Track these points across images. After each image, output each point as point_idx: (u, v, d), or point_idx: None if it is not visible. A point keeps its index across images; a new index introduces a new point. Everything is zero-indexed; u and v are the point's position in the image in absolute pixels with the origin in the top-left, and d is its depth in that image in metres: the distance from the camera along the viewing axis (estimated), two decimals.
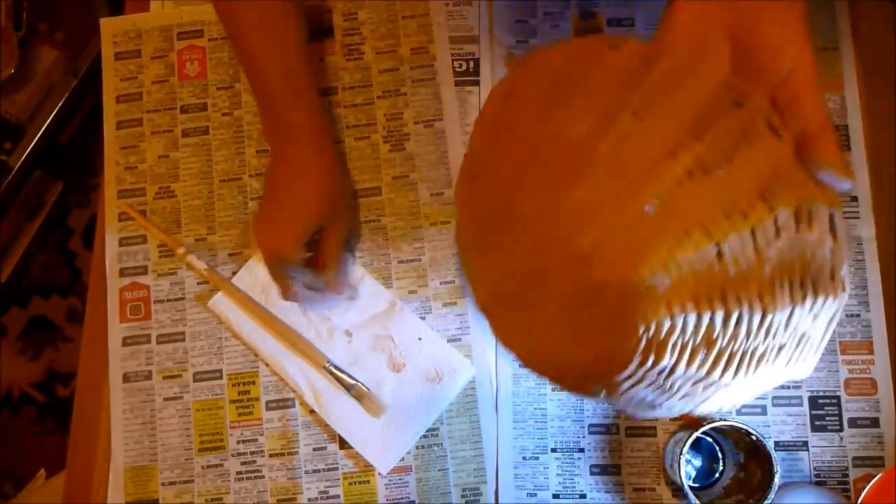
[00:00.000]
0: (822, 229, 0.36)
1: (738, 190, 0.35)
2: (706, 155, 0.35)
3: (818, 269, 0.36)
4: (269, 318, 0.65)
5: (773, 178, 0.35)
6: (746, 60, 0.37)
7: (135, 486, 0.65)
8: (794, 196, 0.35)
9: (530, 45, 0.69)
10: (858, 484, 0.62)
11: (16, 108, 1.24)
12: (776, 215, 0.35)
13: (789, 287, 0.36)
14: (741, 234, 0.35)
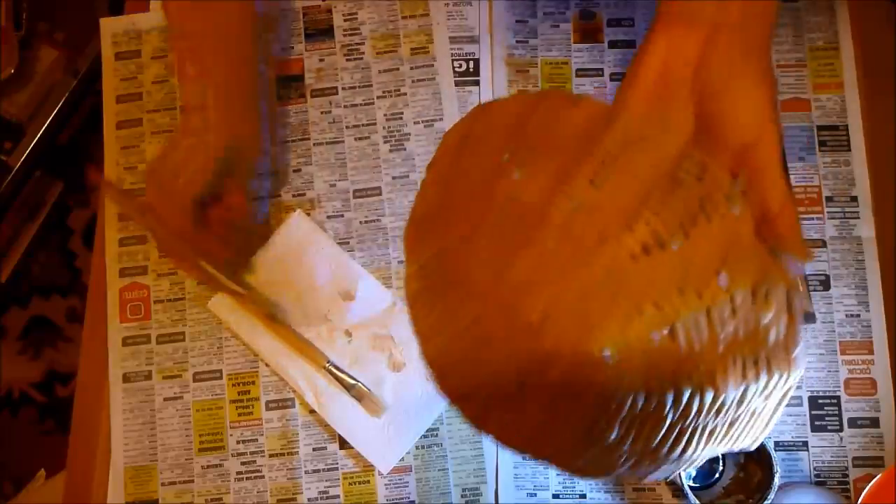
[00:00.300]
0: (779, 308, 0.34)
1: (695, 267, 0.33)
2: (663, 229, 0.34)
3: (772, 347, 0.35)
4: (269, 317, 0.65)
5: (730, 255, 0.34)
6: (709, 128, 0.35)
7: (135, 486, 0.65)
8: (752, 275, 0.34)
9: (530, 45, 0.69)
10: (858, 484, 0.62)
11: (16, 108, 1.24)
12: (732, 295, 0.33)
13: (742, 366, 0.34)
14: (696, 314, 0.33)
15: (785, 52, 0.68)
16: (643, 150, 0.34)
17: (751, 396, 0.36)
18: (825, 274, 0.65)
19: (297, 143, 0.69)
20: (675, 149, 0.34)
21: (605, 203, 0.34)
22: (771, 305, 0.34)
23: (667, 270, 0.33)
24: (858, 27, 0.68)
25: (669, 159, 0.34)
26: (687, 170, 0.34)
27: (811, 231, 0.66)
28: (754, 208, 0.34)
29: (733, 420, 0.36)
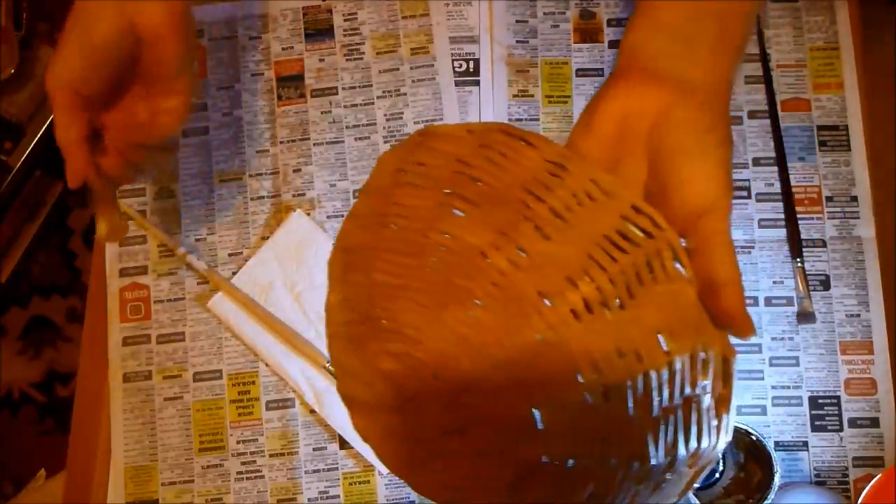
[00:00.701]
0: (716, 376, 0.33)
1: (637, 328, 0.32)
2: (607, 287, 0.32)
3: (704, 414, 0.34)
4: (269, 318, 0.65)
5: (673, 318, 0.32)
6: (661, 188, 0.34)
7: (135, 486, 0.65)
8: (692, 340, 0.32)
9: (530, 45, 0.69)
10: (858, 484, 0.62)
11: (16, 108, 1.24)
12: (672, 360, 0.32)
13: (674, 432, 0.33)
14: (633, 378, 0.32)
15: (785, 52, 0.68)
16: (595, 204, 0.33)
17: (678, 464, 0.34)
18: (825, 274, 0.65)
19: (297, 143, 0.69)
20: (626, 204, 0.32)
21: (550, 255, 0.33)
22: (707, 374, 0.33)
23: (609, 331, 0.32)
24: (858, 27, 0.68)
25: (620, 215, 0.33)
26: (637, 226, 0.33)
27: (811, 231, 0.66)
28: (700, 275, 0.33)
29: (659, 483, 0.35)
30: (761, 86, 0.68)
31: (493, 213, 0.34)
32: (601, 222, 0.32)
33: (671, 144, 0.34)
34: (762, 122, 0.68)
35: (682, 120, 0.34)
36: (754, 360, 0.64)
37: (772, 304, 0.65)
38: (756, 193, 0.67)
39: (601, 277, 0.32)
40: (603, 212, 0.32)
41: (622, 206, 0.32)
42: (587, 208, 0.33)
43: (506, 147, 0.35)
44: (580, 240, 0.32)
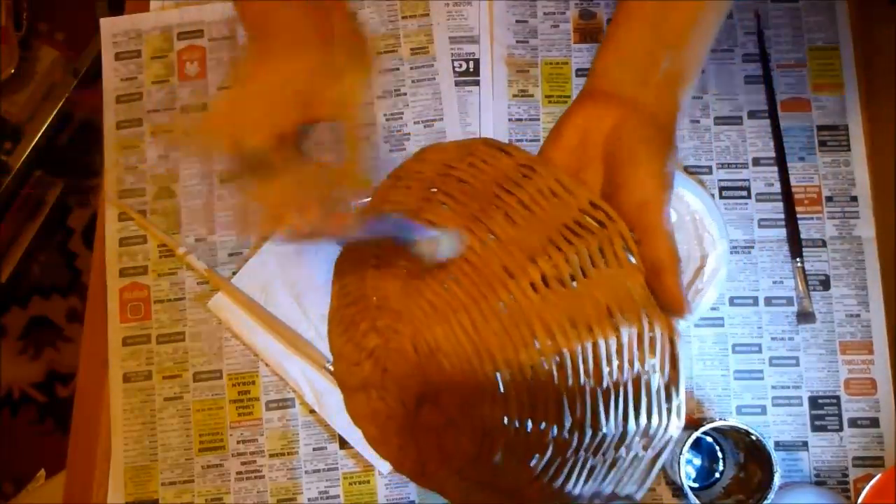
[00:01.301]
0: (663, 356, 0.37)
1: (589, 304, 0.37)
2: (563, 266, 0.37)
3: (655, 395, 0.37)
4: (269, 318, 0.65)
5: (622, 298, 0.37)
6: (614, 189, 0.40)
7: (135, 486, 0.65)
8: (639, 320, 0.37)
9: (530, 45, 0.69)
10: (858, 484, 0.62)
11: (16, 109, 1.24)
12: (619, 334, 0.36)
13: (623, 407, 0.37)
14: (584, 347, 0.36)
15: (785, 52, 0.68)
16: (558, 197, 0.39)
17: (630, 439, 0.38)
18: (825, 274, 0.65)
19: None
20: (584, 199, 0.38)
21: (516, 238, 0.38)
22: (655, 352, 0.37)
23: (562, 304, 0.36)
24: (858, 27, 0.68)
25: (579, 207, 0.38)
26: (593, 218, 0.38)
27: (811, 231, 0.66)
28: (646, 262, 0.38)
29: (614, 461, 0.38)
30: (761, 86, 0.68)
31: (470, 204, 0.39)
32: (562, 214, 0.38)
33: (620, 151, 0.40)
34: (762, 122, 0.68)
35: (629, 131, 0.41)
36: (754, 360, 0.64)
37: (772, 304, 0.65)
38: (756, 193, 0.67)
39: (558, 257, 0.37)
40: (564, 205, 0.38)
41: (581, 202, 0.38)
42: (550, 202, 0.38)
43: (486, 154, 0.41)
44: (542, 227, 0.38)
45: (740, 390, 0.64)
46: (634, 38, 0.43)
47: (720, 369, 0.64)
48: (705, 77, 0.68)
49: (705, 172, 0.67)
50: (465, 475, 0.40)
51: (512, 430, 0.37)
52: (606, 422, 0.37)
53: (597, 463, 0.38)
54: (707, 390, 0.64)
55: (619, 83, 0.43)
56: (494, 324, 0.37)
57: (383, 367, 0.41)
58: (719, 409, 0.64)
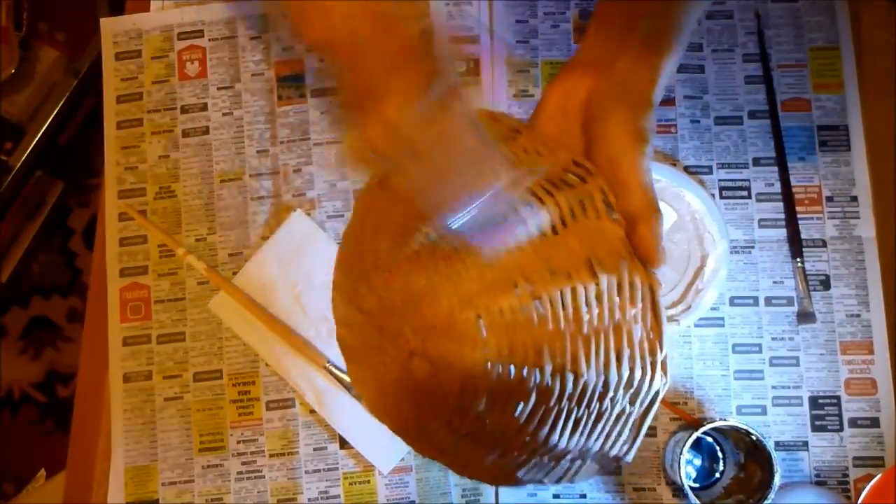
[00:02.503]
0: (645, 307, 0.38)
1: (567, 252, 0.37)
2: (544, 216, 0.38)
3: (638, 345, 0.38)
4: (269, 318, 0.65)
5: (601, 248, 0.38)
6: (591, 148, 0.42)
7: (135, 486, 0.65)
8: (618, 269, 0.38)
9: (530, 45, 0.69)
10: (859, 484, 0.62)
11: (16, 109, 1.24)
12: (598, 282, 0.37)
13: (605, 355, 0.37)
14: (563, 293, 0.37)
15: (785, 52, 0.68)
16: (541, 156, 0.40)
17: (613, 390, 0.38)
18: (825, 274, 0.65)
19: (297, 143, 0.69)
20: (566, 157, 0.40)
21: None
22: (636, 301, 0.38)
23: (542, 252, 0.38)
24: (858, 27, 0.68)
25: (560, 165, 0.40)
26: (574, 174, 0.40)
27: (811, 231, 0.66)
28: (622, 214, 0.39)
29: (599, 414, 0.39)
30: (762, 86, 0.68)
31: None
32: (545, 170, 0.40)
33: (592, 110, 0.43)
34: (762, 122, 0.68)
35: (602, 93, 0.43)
36: (754, 359, 0.64)
37: (772, 304, 0.65)
38: (756, 193, 0.67)
39: (539, 207, 0.38)
40: (546, 162, 0.40)
41: (564, 160, 0.40)
42: (533, 159, 0.40)
43: (483, 122, 0.41)
44: (523, 181, 0.39)
45: (740, 390, 0.64)
46: (612, 10, 0.46)
47: (720, 369, 0.64)
48: (705, 77, 0.68)
49: (706, 172, 0.67)
50: (454, 426, 0.40)
51: (494, 375, 0.37)
52: (587, 369, 0.37)
53: (582, 415, 0.38)
54: (707, 390, 0.64)
55: (597, 53, 0.45)
56: (475, 271, 0.38)
57: (378, 326, 0.42)
58: (719, 409, 0.64)
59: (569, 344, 0.37)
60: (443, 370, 0.39)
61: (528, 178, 0.39)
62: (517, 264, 0.37)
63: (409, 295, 0.40)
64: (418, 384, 0.41)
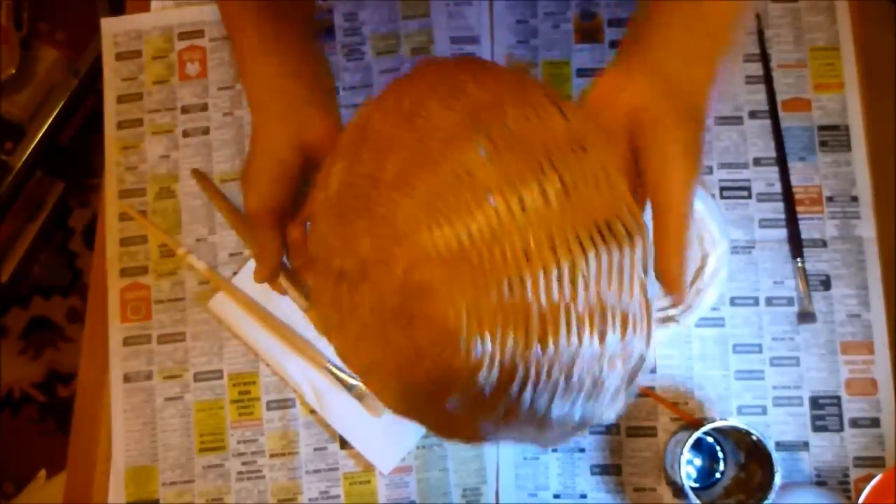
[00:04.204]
0: (632, 278, 0.37)
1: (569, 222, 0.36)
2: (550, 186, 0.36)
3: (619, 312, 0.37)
4: (269, 318, 0.65)
5: (553, 150, 0.37)
6: (642, 162, 0.40)
7: (135, 486, 0.65)
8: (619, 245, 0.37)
9: (531, 45, 0.69)
10: (859, 484, 0.62)
11: (17, 109, 1.24)
12: (600, 256, 0.36)
13: (600, 320, 0.37)
14: (560, 266, 0.36)
15: (785, 52, 0.68)
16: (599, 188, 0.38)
17: (599, 358, 0.38)
18: (826, 274, 0.65)
19: None
20: (623, 195, 0.37)
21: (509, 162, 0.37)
22: (623, 280, 0.37)
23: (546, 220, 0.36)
24: (859, 27, 0.68)
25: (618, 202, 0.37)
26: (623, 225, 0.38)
27: (812, 231, 0.66)
28: (656, 238, 0.38)
29: (598, 382, 0.38)
30: (762, 86, 0.68)
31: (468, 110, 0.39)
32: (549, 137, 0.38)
33: (642, 119, 0.40)
34: (763, 122, 0.68)
35: (652, 100, 0.40)
36: (755, 360, 0.64)
37: (772, 304, 0.65)
38: (756, 193, 0.67)
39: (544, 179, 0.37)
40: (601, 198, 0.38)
41: (621, 197, 0.37)
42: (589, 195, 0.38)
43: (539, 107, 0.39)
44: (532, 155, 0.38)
45: (741, 390, 0.64)
46: (666, 13, 0.43)
47: (721, 369, 0.64)
48: None
49: (706, 172, 0.67)
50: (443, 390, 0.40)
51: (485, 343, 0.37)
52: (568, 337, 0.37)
53: (558, 380, 0.38)
54: (708, 390, 0.64)
55: (645, 51, 0.43)
56: (470, 247, 0.37)
57: (363, 269, 0.41)
58: (720, 409, 0.64)
59: (566, 316, 0.37)
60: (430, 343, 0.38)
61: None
62: (520, 235, 0.37)
63: (407, 248, 0.38)
64: (398, 357, 0.40)
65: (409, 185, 0.39)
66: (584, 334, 0.37)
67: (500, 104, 0.39)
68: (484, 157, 0.37)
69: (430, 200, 0.38)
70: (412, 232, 0.38)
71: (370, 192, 0.40)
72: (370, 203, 0.40)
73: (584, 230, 0.37)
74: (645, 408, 0.64)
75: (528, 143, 0.38)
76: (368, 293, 0.41)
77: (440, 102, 0.40)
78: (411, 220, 0.38)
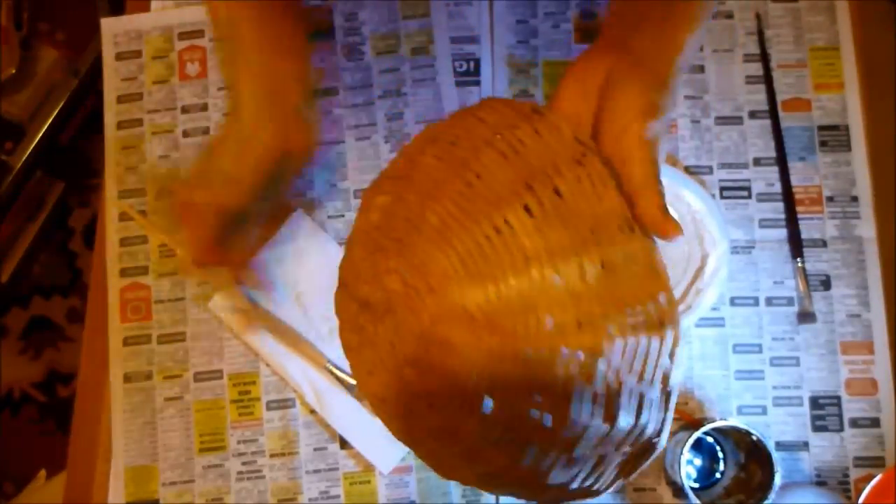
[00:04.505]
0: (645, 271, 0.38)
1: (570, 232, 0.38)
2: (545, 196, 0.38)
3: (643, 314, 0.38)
4: (269, 318, 0.65)
5: (600, 225, 0.38)
6: (602, 125, 0.43)
7: (135, 486, 0.65)
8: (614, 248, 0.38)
9: (531, 45, 0.69)
10: (859, 484, 0.62)
11: (17, 109, 1.24)
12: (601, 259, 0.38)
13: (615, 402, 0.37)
14: (560, 271, 0.37)
15: (785, 52, 0.68)
16: (551, 137, 0.41)
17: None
18: (826, 274, 0.65)
19: None
20: (569, 137, 0.41)
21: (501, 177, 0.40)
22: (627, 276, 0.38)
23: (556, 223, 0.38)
24: (859, 27, 0.68)
25: (567, 144, 0.40)
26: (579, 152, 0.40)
27: (812, 231, 0.66)
28: (625, 188, 0.39)
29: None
30: (762, 86, 0.68)
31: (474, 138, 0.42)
32: (552, 150, 0.40)
33: (606, 88, 0.43)
34: (763, 122, 0.68)
35: (617, 71, 0.43)
36: (755, 360, 0.64)
37: (772, 304, 0.65)
38: (757, 193, 0.67)
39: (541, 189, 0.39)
40: (554, 144, 0.41)
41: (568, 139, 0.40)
42: (544, 142, 0.41)
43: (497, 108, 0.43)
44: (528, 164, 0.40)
45: (741, 390, 0.64)
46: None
47: (721, 369, 0.64)
48: (706, 77, 0.68)
49: (706, 172, 0.67)
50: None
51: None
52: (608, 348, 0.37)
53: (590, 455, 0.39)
54: (708, 390, 0.64)
55: (616, 33, 0.47)
56: (482, 247, 0.38)
57: (389, 307, 0.42)
58: (720, 409, 0.64)
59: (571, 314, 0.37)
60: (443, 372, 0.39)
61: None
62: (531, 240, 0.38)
63: (427, 274, 0.40)
64: (408, 398, 0.41)
65: (447, 243, 0.39)
66: (595, 414, 0.37)
67: (556, 167, 0.40)
68: (529, 221, 0.38)
69: (467, 255, 0.38)
70: (442, 286, 0.38)
71: (408, 236, 0.41)
72: (405, 248, 0.41)
73: (615, 313, 0.37)
74: None
75: (577, 213, 0.39)
76: (391, 330, 0.41)
77: (496, 156, 0.41)
78: (444, 274, 0.39)
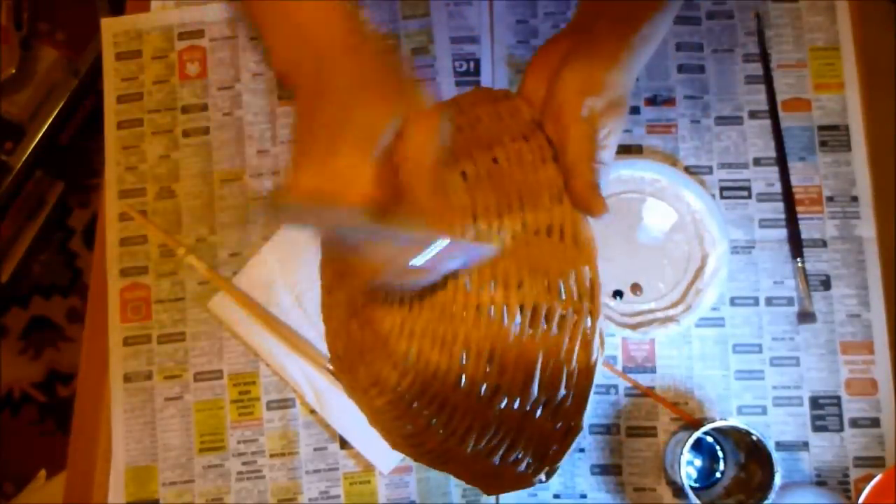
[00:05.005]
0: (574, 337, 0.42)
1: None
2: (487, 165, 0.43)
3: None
4: (269, 318, 0.65)
5: (530, 193, 0.41)
6: (547, 101, 0.44)
7: (135, 486, 0.65)
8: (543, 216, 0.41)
9: (531, 45, 0.69)
10: (859, 484, 0.62)
11: (17, 108, 1.24)
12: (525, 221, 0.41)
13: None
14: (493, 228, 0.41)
15: (786, 52, 0.68)
16: (513, 119, 0.45)
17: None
18: (826, 274, 0.65)
19: None
20: (527, 115, 0.44)
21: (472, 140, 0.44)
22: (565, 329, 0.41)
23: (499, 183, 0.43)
24: (859, 27, 0.68)
25: (525, 122, 0.44)
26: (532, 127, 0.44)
27: (812, 231, 0.66)
28: (562, 165, 0.41)
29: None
30: (762, 86, 0.68)
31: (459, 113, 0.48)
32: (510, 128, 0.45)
33: (559, 69, 0.44)
34: (763, 122, 0.68)
35: (572, 51, 0.44)
36: (755, 360, 0.64)
37: (772, 304, 0.65)
38: (757, 193, 0.67)
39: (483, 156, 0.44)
40: (515, 123, 0.45)
41: (526, 117, 0.45)
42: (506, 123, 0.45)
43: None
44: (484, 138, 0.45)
45: (741, 390, 0.64)
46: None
47: (721, 369, 0.64)
48: (706, 77, 0.68)
49: (706, 172, 0.67)
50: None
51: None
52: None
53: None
54: (708, 390, 0.64)
55: (580, 19, 0.49)
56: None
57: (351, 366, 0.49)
58: (720, 409, 0.64)
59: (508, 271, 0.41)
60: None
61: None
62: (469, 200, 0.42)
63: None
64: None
65: None
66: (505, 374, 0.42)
67: (500, 140, 0.44)
68: (462, 184, 0.42)
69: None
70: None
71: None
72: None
73: (530, 277, 0.40)
74: (645, 408, 0.64)
75: (510, 181, 0.42)
76: (345, 291, 0.48)
77: (453, 131, 0.46)
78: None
